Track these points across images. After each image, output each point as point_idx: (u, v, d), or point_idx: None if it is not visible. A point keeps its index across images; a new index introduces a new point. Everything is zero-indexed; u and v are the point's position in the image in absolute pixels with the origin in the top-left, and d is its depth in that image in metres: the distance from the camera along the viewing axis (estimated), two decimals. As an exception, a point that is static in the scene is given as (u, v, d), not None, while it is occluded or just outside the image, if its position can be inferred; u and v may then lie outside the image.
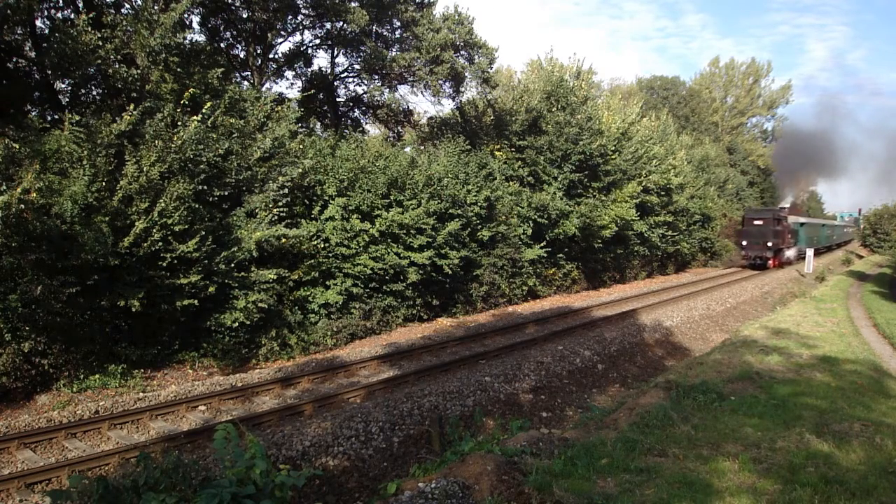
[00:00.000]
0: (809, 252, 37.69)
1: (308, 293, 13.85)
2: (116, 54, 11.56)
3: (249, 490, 4.06)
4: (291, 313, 13.24)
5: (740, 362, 10.95)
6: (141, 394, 10.02)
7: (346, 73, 23.47)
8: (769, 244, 34.87)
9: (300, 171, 13.46)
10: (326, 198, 14.56)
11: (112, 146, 10.37)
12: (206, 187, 11.63)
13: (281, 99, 17.49)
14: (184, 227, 10.78)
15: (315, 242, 13.77)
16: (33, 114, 12.55)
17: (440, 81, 22.59)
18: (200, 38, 18.07)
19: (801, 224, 43.21)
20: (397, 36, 22.62)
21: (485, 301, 18.89)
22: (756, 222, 35.35)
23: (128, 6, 13.20)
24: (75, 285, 9.68)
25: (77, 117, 10.29)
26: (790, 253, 39.39)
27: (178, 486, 4.82)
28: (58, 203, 9.65)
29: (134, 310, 10.22)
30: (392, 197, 15.67)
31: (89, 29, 11.14)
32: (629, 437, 6.60)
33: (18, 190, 8.77)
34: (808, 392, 8.88)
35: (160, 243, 10.46)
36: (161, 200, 10.44)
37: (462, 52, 22.93)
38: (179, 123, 11.39)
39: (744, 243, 35.90)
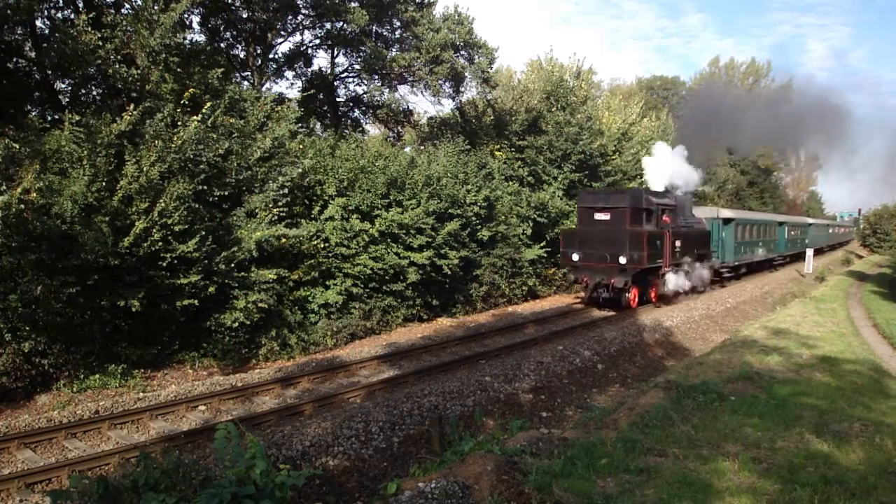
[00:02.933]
0: (809, 252, 34.07)
1: (308, 293, 13.86)
2: (116, 54, 11.56)
3: (249, 490, 4.07)
4: (291, 313, 13.24)
5: (740, 362, 10.95)
6: (141, 394, 10.02)
7: (346, 73, 23.47)
8: (623, 260, 16.87)
9: (300, 171, 13.46)
10: (326, 198, 14.56)
11: (112, 146, 10.37)
12: (206, 187, 11.63)
13: (281, 99, 17.49)
14: (184, 227, 10.78)
15: (315, 242, 13.77)
16: (33, 114, 12.55)
17: (440, 81, 22.59)
18: (200, 38, 18.08)
19: (731, 222, 24.89)
20: (397, 36, 22.63)
21: (485, 301, 18.89)
22: (599, 216, 17.58)
23: (128, 6, 13.20)
24: (75, 285, 9.68)
25: (77, 117, 10.28)
26: (680, 280, 19.77)
27: (179, 485, 4.83)
28: (58, 203, 9.65)
29: (134, 310, 10.22)
30: (392, 197, 15.67)
31: (89, 29, 11.14)
32: (629, 437, 6.60)
33: (18, 190, 8.77)
34: (808, 392, 8.88)
35: (160, 243, 10.46)
36: (161, 200, 10.44)
37: (462, 52, 22.94)
38: (179, 123, 11.39)
39: (574, 257, 17.73)
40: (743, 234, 26.74)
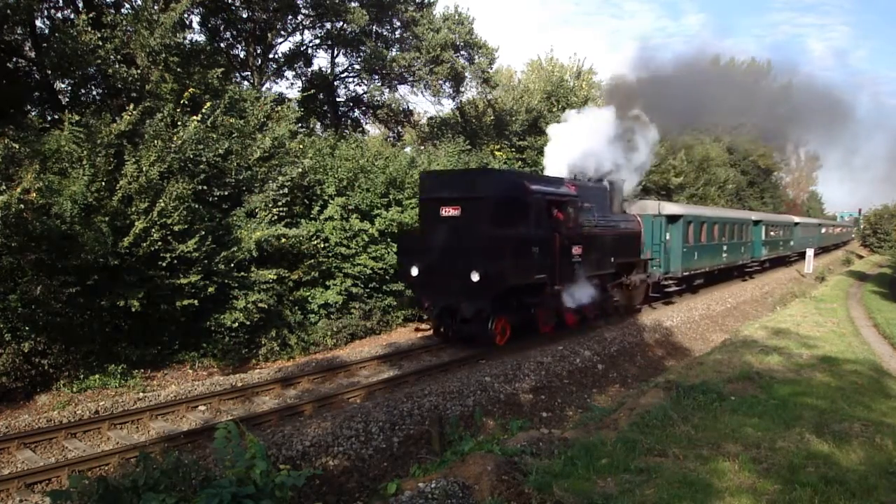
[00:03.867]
0: (810, 252, 32.77)
1: (308, 293, 13.86)
2: (116, 54, 11.56)
3: (249, 490, 4.07)
4: (291, 313, 13.24)
5: (740, 362, 10.95)
6: (141, 394, 10.01)
7: (346, 73, 23.48)
8: (476, 276, 11.16)
9: (300, 170, 13.47)
10: (326, 197, 14.57)
11: (112, 146, 10.37)
12: (205, 187, 11.63)
13: (281, 99, 17.50)
14: (183, 227, 10.78)
15: (315, 242, 13.77)
16: (33, 114, 12.55)
17: (440, 81, 22.61)
18: (200, 38, 18.09)
19: (679, 221, 19.20)
20: (397, 36, 22.63)
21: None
22: (447, 211, 12.04)
23: (128, 6, 13.21)
24: (75, 285, 9.68)
25: (77, 117, 10.28)
26: (585, 300, 13.94)
27: (178, 486, 4.83)
28: (58, 203, 9.65)
29: (134, 310, 10.21)
30: (391, 196, 15.67)
31: (89, 29, 11.14)
32: (629, 437, 6.60)
33: (18, 190, 8.77)
34: (808, 392, 8.88)
35: (160, 243, 10.46)
36: (161, 200, 10.44)
37: (462, 52, 22.95)
38: (179, 123, 11.39)
39: (413, 271, 12.23)
40: (697, 235, 20.88)
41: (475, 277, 11.15)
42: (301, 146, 14.23)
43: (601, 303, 15.14)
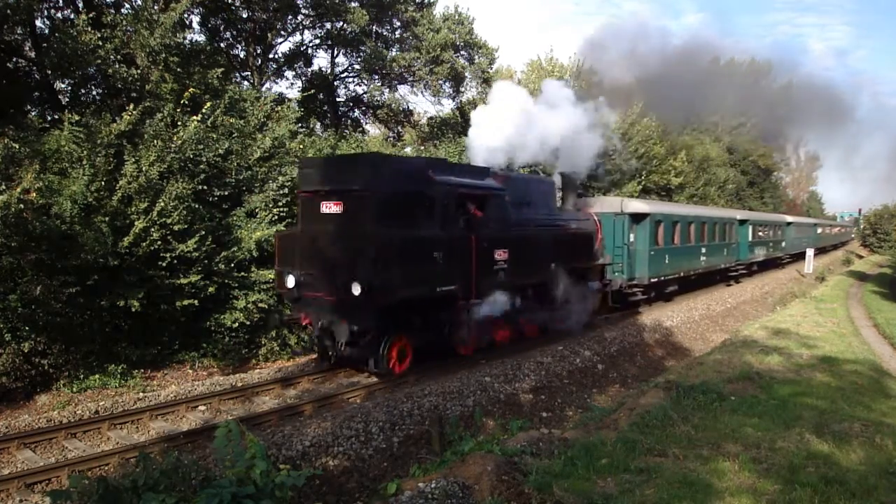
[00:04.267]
0: (810, 252, 32.35)
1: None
2: (116, 54, 11.57)
3: (249, 490, 4.07)
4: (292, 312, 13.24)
5: (740, 362, 10.95)
6: (141, 394, 10.01)
7: (346, 73, 23.51)
8: (357, 289, 9.03)
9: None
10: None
11: (112, 146, 10.38)
12: (205, 187, 11.63)
13: (281, 99, 17.51)
14: (183, 226, 10.79)
15: (315, 242, 13.76)
16: (33, 114, 12.56)
17: (440, 81, 22.63)
18: (200, 38, 18.11)
19: (646, 220, 17.06)
20: (397, 36, 22.66)
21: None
22: (327, 208, 9.82)
23: (128, 6, 13.22)
24: (75, 285, 9.68)
25: (77, 117, 10.28)
26: (509, 313, 11.79)
27: (178, 486, 4.83)
28: (57, 203, 9.65)
29: (134, 310, 10.22)
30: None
31: (89, 29, 11.15)
32: (629, 437, 6.60)
33: (18, 189, 8.77)
34: (808, 392, 8.88)
35: (159, 243, 10.46)
36: (161, 200, 10.44)
37: (462, 52, 22.99)
38: (179, 123, 11.39)
39: (288, 282, 10.13)
40: (669, 236, 18.66)
41: (356, 290, 9.03)
42: (301, 146, 14.24)
43: (543, 315, 13.20)
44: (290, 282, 10.15)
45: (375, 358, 10.03)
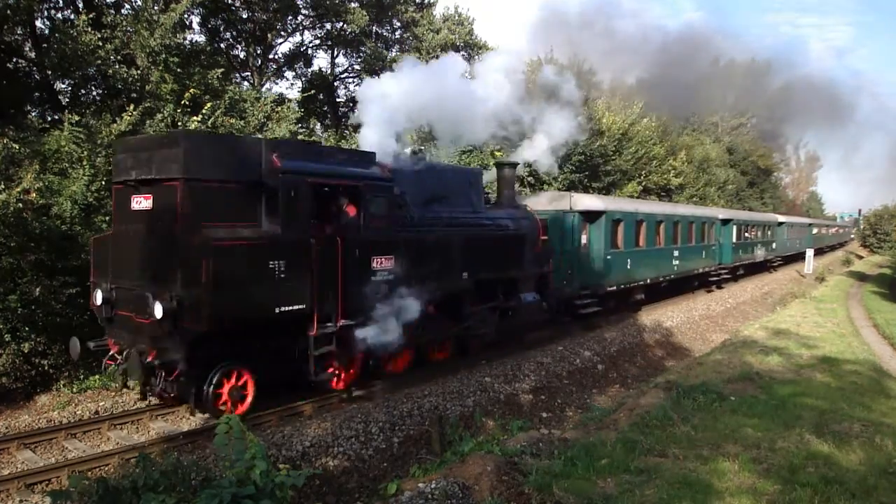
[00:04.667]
0: (810, 252, 32.26)
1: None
2: (116, 55, 11.58)
3: (249, 490, 4.07)
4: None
5: (740, 363, 10.95)
6: (141, 394, 10.00)
7: (346, 74, 23.51)
8: (159, 310, 6.96)
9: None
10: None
11: (112, 146, 10.38)
12: (206, 187, 11.62)
13: (281, 99, 17.50)
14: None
15: (315, 243, 13.75)
16: (33, 114, 12.57)
17: (440, 82, 22.58)
18: (200, 38, 18.11)
19: (601, 218, 15.11)
20: (397, 36, 22.69)
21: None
22: (138, 203, 7.66)
23: (128, 6, 13.22)
24: (75, 286, 9.68)
25: (77, 117, 10.29)
26: (403, 336, 9.29)
27: (178, 486, 4.82)
28: (57, 203, 9.65)
29: (134, 310, 10.20)
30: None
31: (89, 29, 11.16)
32: (629, 438, 6.60)
33: (17, 189, 8.78)
34: (808, 392, 8.89)
35: (160, 243, 10.45)
36: (161, 201, 10.44)
37: (462, 53, 22.96)
38: (179, 124, 11.39)
39: (97, 298, 8.12)
40: (632, 237, 16.48)
41: (158, 312, 7.05)
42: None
43: (452, 335, 11.13)
44: (98, 297, 8.15)
45: (197, 396, 7.78)
